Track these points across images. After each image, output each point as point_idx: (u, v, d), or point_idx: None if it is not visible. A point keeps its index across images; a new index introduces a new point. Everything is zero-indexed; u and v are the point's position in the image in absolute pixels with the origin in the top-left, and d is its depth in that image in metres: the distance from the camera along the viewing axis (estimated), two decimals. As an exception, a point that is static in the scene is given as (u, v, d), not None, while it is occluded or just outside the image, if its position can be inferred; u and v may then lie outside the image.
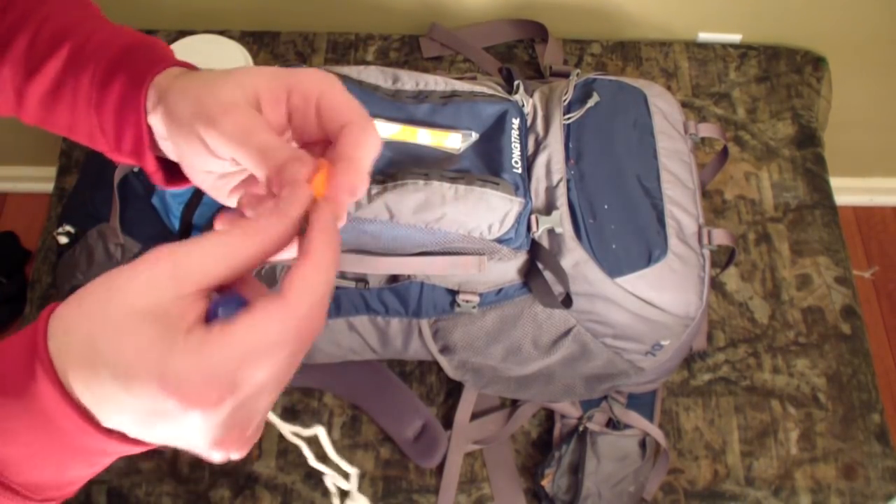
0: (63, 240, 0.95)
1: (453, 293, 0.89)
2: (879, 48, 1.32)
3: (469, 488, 0.99)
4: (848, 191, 1.63)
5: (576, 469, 0.96)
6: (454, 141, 0.86)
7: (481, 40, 1.28)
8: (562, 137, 0.89)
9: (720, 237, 0.89)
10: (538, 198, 0.86)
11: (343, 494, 0.76)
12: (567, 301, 0.85)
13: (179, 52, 0.54)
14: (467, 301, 0.88)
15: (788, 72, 1.27)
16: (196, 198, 0.90)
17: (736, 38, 1.29)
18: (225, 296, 0.36)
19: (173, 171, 0.50)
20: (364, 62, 1.25)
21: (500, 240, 0.83)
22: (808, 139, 1.22)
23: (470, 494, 0.98)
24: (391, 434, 1.00)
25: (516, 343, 0.91)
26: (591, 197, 0.87)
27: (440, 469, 0.99)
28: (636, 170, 0.90)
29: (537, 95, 0.94)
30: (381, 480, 0.99)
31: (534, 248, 0.85)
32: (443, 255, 0.85)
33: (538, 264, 0.85)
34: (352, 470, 0.77)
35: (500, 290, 0.88)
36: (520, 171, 0.85)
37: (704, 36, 1.30)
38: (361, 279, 0.89)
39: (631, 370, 0.93)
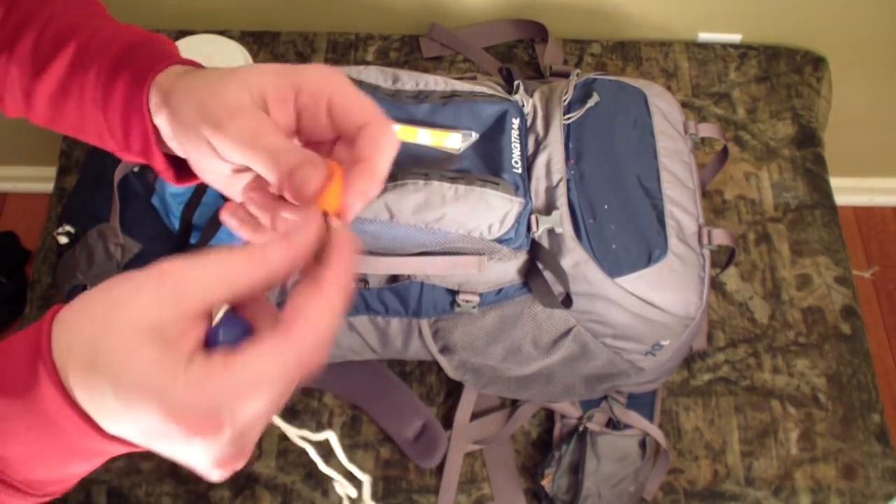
0: (63, 240, 0.95)
1: (453, 293, 0.89)
2: (879, 48, 1.32)
3: (469, 488, 0.99)
4: (848, 191, 1.63)
5: (576, 469, 0.96)
6: (454, 141, 0.86)
7: (481, 40, 1.28)
8: (562, 137, 0.89)
9: (720, 237, 0.89)
10: (538, 198, 0.86)
11: (353, 501, 0.76)
12: (567, 301, 0.85)
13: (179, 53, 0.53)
14: (467, 301, 0.88)
15: (788, 72, 1.27)
16: (196, 198, 0.90)
17: (736, 38, 1.29)
18: (227, 316, 0.36)
19: (183, 168, 0.49)
20: (364, 62, 1.25)
21: (500, 240, 0.83)
22: (808, 139, 1.22)
23: (470, 494, 0.98)
24: (391, 434, 1.00)
25: (516, 343, 0.91)
26: (591, 197, 0.87)
27: (440, 469, 0.99)
28: (636, 170, 0.90)
29: (537, 95, 0.94)
30: (381, 480, 0.99)
31: (534, 248, 0.85)
32: (443, 255, 0.85)
33: (538, 264, 0.85)
34: (364, 477, 0.76)
35: (500, 290, 0.88)
36: (520, 171, 0.85)
37: (704, 36, 1.29)
38: (361, 279, 0.89)
39: (631, 370, 0.93)
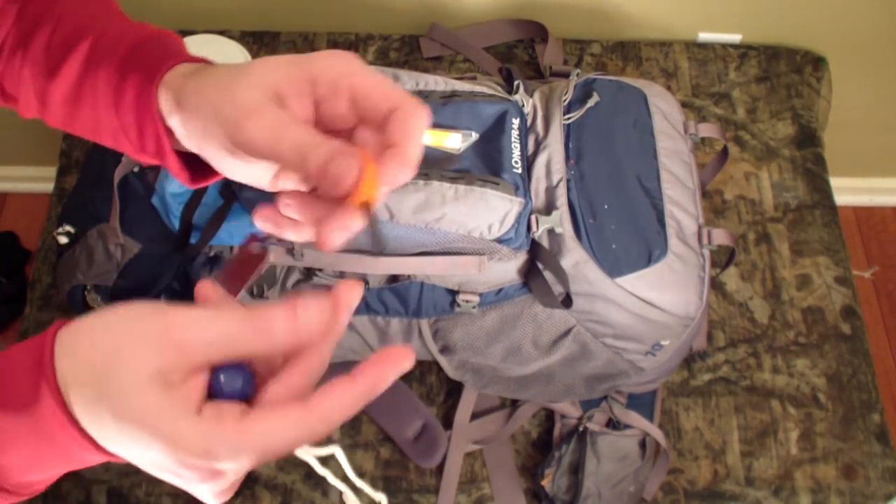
0: (63, 240, 0.95)
1: (453, 293, 0.89)
2: (879, 48, 1.32)
3: (469, 488, 0.99)
4: (848, 191, 1.63)
5: (576, 469, 0.96)
6: (454, 141, 0.86)
7: (481, 40, 1.27)
8: (562, 137, 0.89)
9: (720, 237, 0.89)
10: (538, 198, 0.86)
11: None
12: (567, 301, 0.85)
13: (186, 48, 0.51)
14: (467, 301, 0.88)
15: (788, 72, 1.27)
16: (196, 198, 0.90)
17: (736, 38, 1.29)
18: (228, 366, 0.36)
19: (197, 169, 0.47)
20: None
21: (500, 240, 0.83)
22: (808, 139, 1.22)
23: (470, 494, 0.98)
24: (391, 434, 1.00)
25: (516, 343, 0.91)
26: (591, 197, 0.87)
27: (440, 469, 0.99)
28: (636, 170, 0.90)
29: (537, 95, 0.94)
30: (381, 480, 0.99)
31: (534, 248, 0.85)
32: (443, 255, 0.85)
33: (538, 264, 0.85)
34: (380, 496, 0.76)
35: (500, 290, 0.88)
36: (520, 171, 0.85)
37: (704, 36, 1.29)
38: (361, 279, 0.89)
39: (631, 370, 0.93)
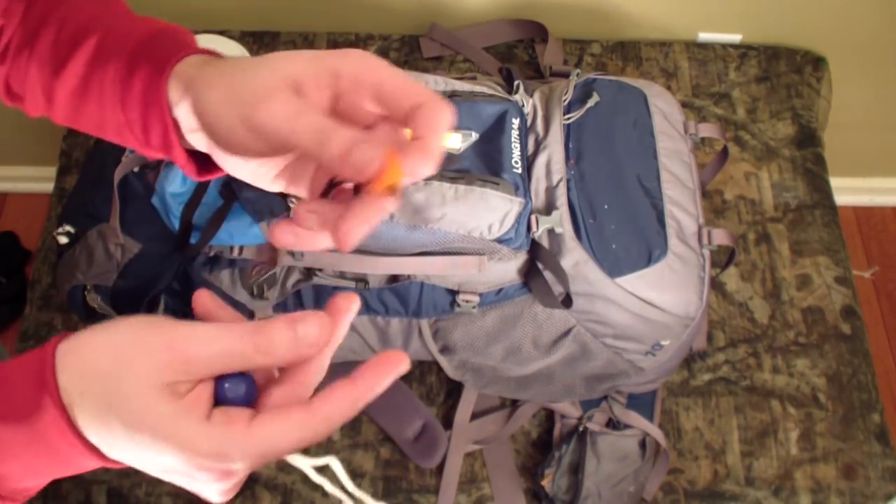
0: (63, 240, 0.95)
1: (453, 293, 0.89)
2: (879, 48, 1.32)
3: (469, 488, 0.99)
4: (848, 191, 1.62)
5: (576, 469, 0.96)
6: (454, 141, 0.86)
7: (481, 40, 1.27)
8: (562, 137, 0.89)
9: (720, 237, 0.89)
10: (538, 198, 0.86)
11: None
12: (567, 301, 0.85)
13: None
14: (467, 301, 0.88)
15: (788, 72, 1.27)
16: (196, 198, 0.90)
17: (736, 38, 1.29)
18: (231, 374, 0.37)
19: (204, 162, 0.47)
20: (364, 62, 1.25)
21: (500, 240, 0.83)
22: (808, 139, 1.22)
23: (470, 494, 0.98)
24: (391, 434, 1.00)
25: (516, 343, 0.91)
26: (591, 197, 0.87)
27: (440, 469, 0.99)
28: (636, 170, 0.90)
29: (537, 95, 0.94)
30: (381, 480, 0.99)
31: (534, 248, 0.85)
32: (443, 255, 0.85)
33: (538, 264, 0.85)
34: None
35: (500, 290, 0.88)
36: (520, 171, 0.85)
37: (704, 36, 1.29)
38: (361, 279, 0.89)
39: (631, 370, 0.93)
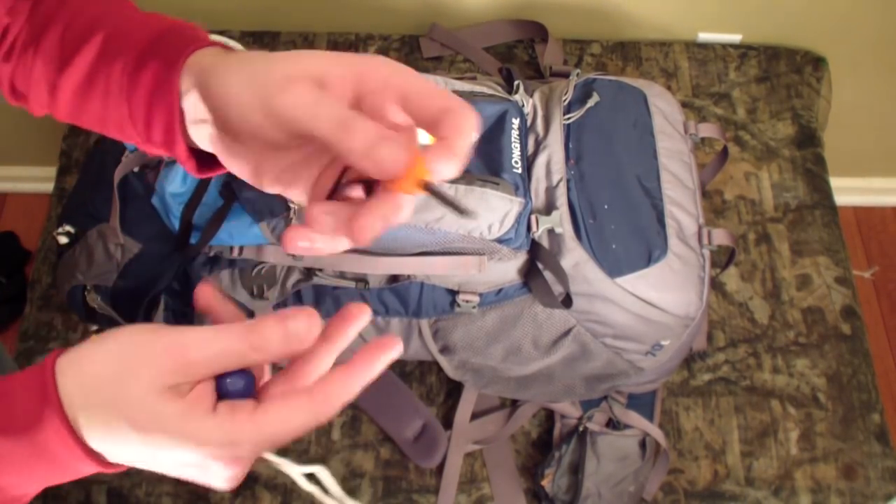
0: (63, 240, 0.95)
1: (453, 293, 0.89)
2: (879, 48, 1.32)
3: (469, 488, 0.99)
4: (848, 191, 1.62)
5: (576, 469, 0.96)
6: (454, 141, 0.86)
7: (481, 40, 1.27)
8: (562, 137, 0.89)
9: (720, 237, 0.89)
10: (538, 198, 0.86)
11: None
12: (567, 301, 0.85)
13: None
14: (467, 301, 0.88)
15: (788, 72, 1.27)
16: (196, 198, 0.90)
17: (736, 38, 1.29)
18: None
19: (204, 159, 0.47)
20: (364, 62, 1.25)
21: (500, 240, 0.83)
22: (808, 139, 1.22)
23: (470, 494, 0.98)
24: (391, 434, 1.00)
25: (516, 343, 0.91)
26: (591, 197, 0.87)
27: (440, 469, 0.99)
28: (636, 170, 0.90)
29: (537, 95, 0.94)
30: (381, 480, 0.99)
31: (534, 248, 0.85)
32: (443, 255, 0.85)
33: (538, 264, 0.85)
34: None
35: (500, 290, 0.88)
36: (520, 171, 0.86)
37: (704, 36, 1.29)
38: (361, 279, 0.89)
39: (631, 370, 0.93)
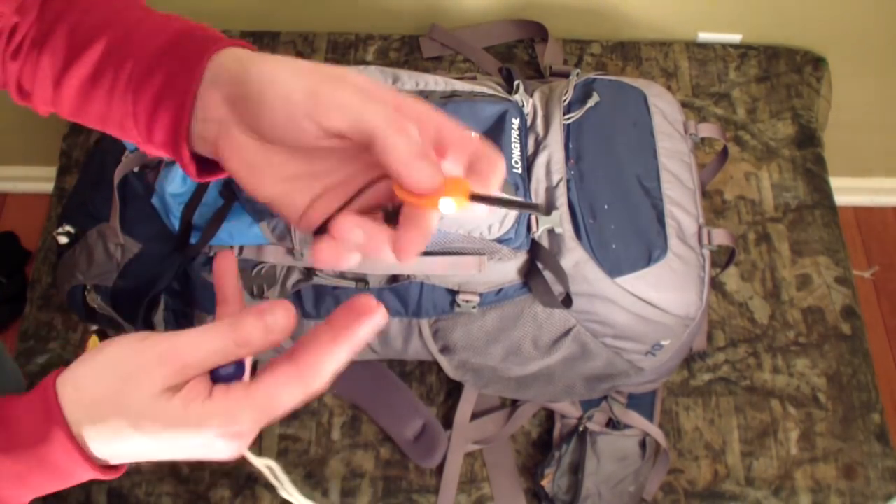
0: (63, 240, 0.95)
1: (453, 293, 0.89)
2: (879, 48, 1.32)
3: (469, 488, 0.99)
4: (848, 191, 1.62)
5: (576, 469, 0.96)
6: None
7: (481, 40, 1.27)
8: (562, 137, 0.89)
9: (720, 237, 0.89)
10: (538, 198, 0.86)
11: None
12: (567, 301, 0.85)
13: None
14: (467, 301, 0.88)
15: (788, 72, 1.27)
16: (196, 198, 0.90)
17: (736, 38, 1.29)
18: None
19: (203, 164, 0.47)
20: (364, 62, 1.25)
21: (500, 240, 0.83)
22: (808, 139, 1.22)
23: (470, 494, 0.98)
24: (391, 434, 1.00)
25: (516, 343, 0.91)
26: (591, 197, 0.87)
27: (440, 469, 0.99)
28: (636, 170, 0.90)
29: (537, 95, 0.94)
30: (381, 480, 0.99)
31: (534, 248, 0.85)
32: (443, 255, 0.85)
33: (538, 264, 0.85)
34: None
35: (500, 290, 0.88)
36: (520, 171, 0.86)
37: (704, 36, 1.29)
38: (361, 279, 0.89)
39: (631, 370, 0.93)
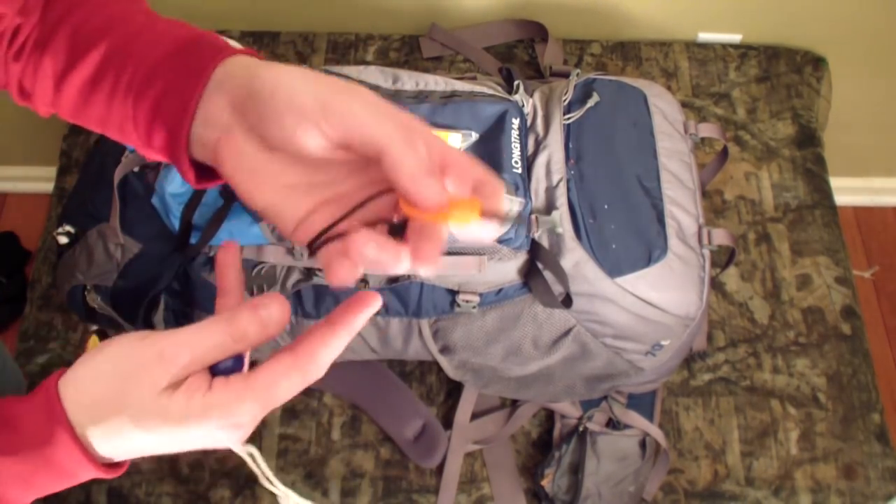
0: (63, 240, 0.95)
1: (453, 293, 0.89)
2: (879, 48, 1.32)
3: (469, 488, 0.99)
4: (848, 191, 1.62)
5: (576, 469, 0.96)
6: (454, 141, 0.86)
7: (481, 40, 1.27)
8: (562, 137, 0.89)
9: (720, 237, 0.89)
10: (538, 198, 0.86)
11: None
12: (567, 301, 0.85)
13: None
14: (467, 301, 0.88)
15: (788, 72, 1.27)
16: (196, 198, 0.90)
17: (736, 38, 1.29)
18: None
19: (201, 170, 0.48)
20: (364, 62, 1.25)
21: (500, 240, 0.83)
22: (808, 139, 1.22)
23: (470, 494, 0.98)
24: (391, 434, 1.00)
25: (516, 343, 0.91)
26: (591, 197, 0.87)
27: (440, 469, 0.99)
28: (636, 170, 0.90)
29: (537, 95, 0.94)
30: (381, 480, 0.99)
31: (534, 248, 0.85)
32: (443, 255, 0.85)
33: (538, 264, 0.85)
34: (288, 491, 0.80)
35: (500, 290, 0.88)
36: (520, 171, 0.86)
37: (704, 36, 1.29)
38: (361, 279, 0.89)
39: (631, 370, 0.93)
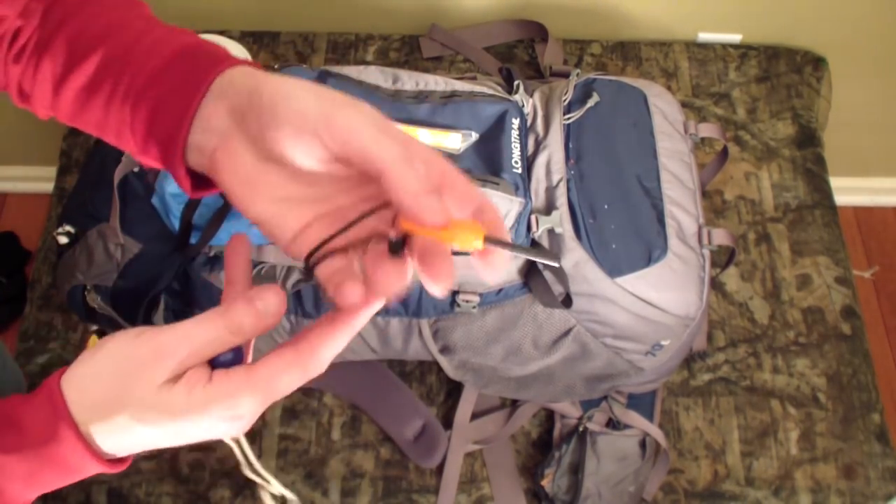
0: (63, 240, 0.95)
1: (453, 293, 0.89)
2: (879, 48, 1.32)
3: (469, 488, 0.99)
4: (848, 191, 1.62)
5: (576, 469, 0.96)
6: (454, 141, 0.86)
7: (481, 40, 1.28)
8: (562, 137, 0.89)
9: (720, 237, 0.89)
10: (538, 198, 0.86)
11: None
12: (567, 301, 0.85)
13: None
14: (467, 301, 0.88)
15: (788, 72, 1.27)
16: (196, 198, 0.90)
17: (736, 38, 1.29)
18: None
19: (197, 178, 0.47)
20: (364, 62, 1.25)
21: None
22: (808, 139, 1.22)
23: (470, 494, 0.98)
24: (391, 434, 1.00)
25: (516, 343, 0.91)
26: (591, 197, 0.87)
27: (440, 469, 0.99)
28: (636, 170, 0.90)
29: (537, 95, 0.94)
30: (381, 480, 0.99)
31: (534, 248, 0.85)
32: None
33: (538, 264, 0.85)
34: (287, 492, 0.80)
35: (501, 290, 0.88)
36: (520, 171, 0.86)
37: (704, 36, 1.29)
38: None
39: (631, 370, 0.93)
